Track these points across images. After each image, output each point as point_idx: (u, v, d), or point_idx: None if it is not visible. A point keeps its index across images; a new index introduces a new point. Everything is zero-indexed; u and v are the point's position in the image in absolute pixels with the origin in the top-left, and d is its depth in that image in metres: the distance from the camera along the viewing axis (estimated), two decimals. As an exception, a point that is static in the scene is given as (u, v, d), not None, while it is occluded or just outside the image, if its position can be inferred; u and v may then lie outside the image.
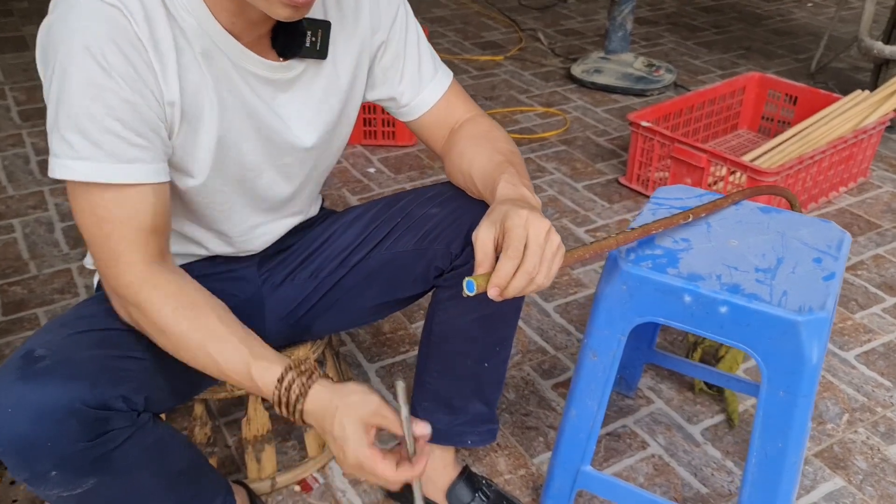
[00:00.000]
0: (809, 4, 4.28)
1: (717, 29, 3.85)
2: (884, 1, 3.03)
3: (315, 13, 1.01)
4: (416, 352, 1.57)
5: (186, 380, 1.05)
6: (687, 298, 1.04)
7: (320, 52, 1.02)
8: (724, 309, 1.02)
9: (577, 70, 3.13)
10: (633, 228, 1.08)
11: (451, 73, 1.17)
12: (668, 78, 3.06)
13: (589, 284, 1.93)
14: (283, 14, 0.87)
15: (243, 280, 1.18)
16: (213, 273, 1.13)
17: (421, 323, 1.76)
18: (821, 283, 1.05)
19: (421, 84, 1.14)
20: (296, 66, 1.02)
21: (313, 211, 1.26)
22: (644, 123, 2.25)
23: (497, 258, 0.89)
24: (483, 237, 0.90)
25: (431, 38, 3.53)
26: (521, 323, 1.78)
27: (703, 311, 1.04)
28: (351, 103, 1.12)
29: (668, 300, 1.05)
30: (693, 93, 2.50)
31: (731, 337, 1.04)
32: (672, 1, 4.30)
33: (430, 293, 1.21)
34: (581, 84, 3.09)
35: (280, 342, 1.23)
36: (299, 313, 1.21)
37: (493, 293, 0.88)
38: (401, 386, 0.86)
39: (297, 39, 0.99)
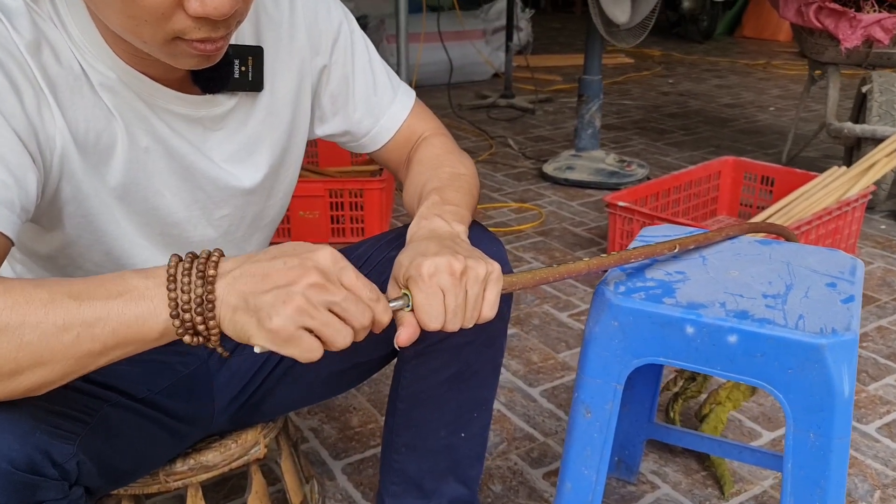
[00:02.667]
0: (772, 108, 4.38)
1: (684, 131, 3.90)
2: (845, 89, 3.08)
3: (244, 38, 0.90)
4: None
5: (132, 453, 0.87)
6: (689, 330, 0.90)
7: (254, 83, 0.90)
8: (733, 338, 0.88)
9: (549, 168, 3.09)
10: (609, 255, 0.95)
11: (412, 92, 1.06)
12: (641, 172, 3.03)
13: (576, 367, 1.77)
14: (192, 65, 0.76)
15: (187, 351, 1.01)
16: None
17: (393, 415, 1.58)
18: (840, 305, 0.91)
19: (380, 109, 1.03)
20: (224, 101, 0.89)
21: None
22: (622, 204, 2.16)
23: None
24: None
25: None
26: (504, 409, 1.61)
27: (709, 343, 0.89)
28: (295, 139, 1.00)
29: (668, 334, 0.91)
30: (668, 176, 2.45)
31: (743, 372, 0.89)
32: (637, 109, 4.39)
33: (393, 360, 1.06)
34: (554, 181, 3.05)
35: (227, 426, 1.06)
36: (250, 389, 1.04)
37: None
38: None
39: (222, 71, 0.86)
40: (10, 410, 0.69)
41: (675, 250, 1.01)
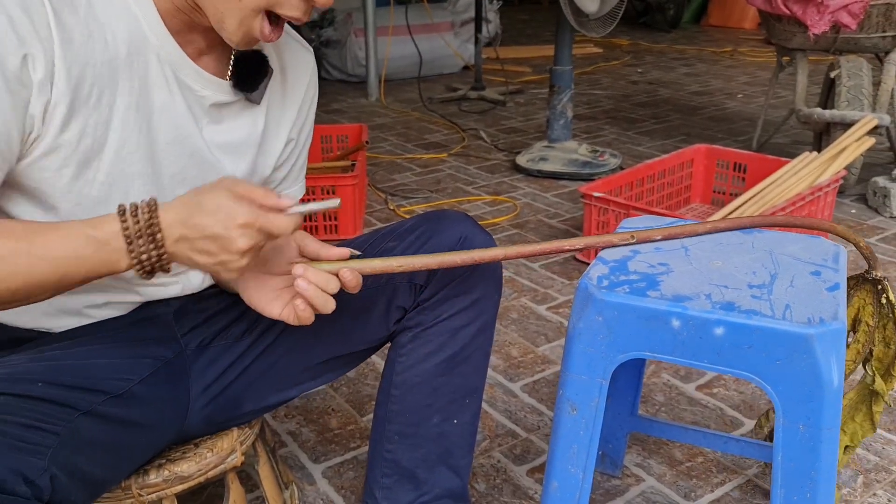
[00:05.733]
0: (740, 95, 4.40)
1: (655, 120, 3.90)
2: (812, 74, 3.10)
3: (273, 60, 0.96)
4: (367, 447, 1.35)
5: (106, 460, 0.84)
6: (675, 323, 0.88)
7: (256, 95, 0.93)
8: (719, 330, 0.86)
9: (522, 160, 3.07)
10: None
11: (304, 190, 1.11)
12: (614, 162, 3.02)
13: (557, 361, 1.75)
14: (240, 42, 0.83)
15: (159, 322, 0.99)
16: (122, 327, 0.95)
17: (371, 416, 1.54)
18: (826, 293, 0.90)
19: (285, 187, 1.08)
20: (230, 94, 0.91)
21: None
22: (596, 194, 2.15)
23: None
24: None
25: (373, 142, 3.48)
26: (486, 405, 1.58)
27: (696, 336, 0.87)
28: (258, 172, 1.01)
29: (653, 328, 0.89)
30: (642, 165, 2.44)
31: (731, 365, 0.87)
32: (608, 99, 4.39)
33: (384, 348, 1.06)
34: (527, 173, 3.03)
35: (203, 426, 1.02)
36: (229, 378, 1.01)
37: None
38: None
39: (260, 78, 0.92)
40: None
41: (632, 240, 0.98)
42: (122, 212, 0.75)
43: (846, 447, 1.16)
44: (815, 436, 0.85)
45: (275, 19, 0.83)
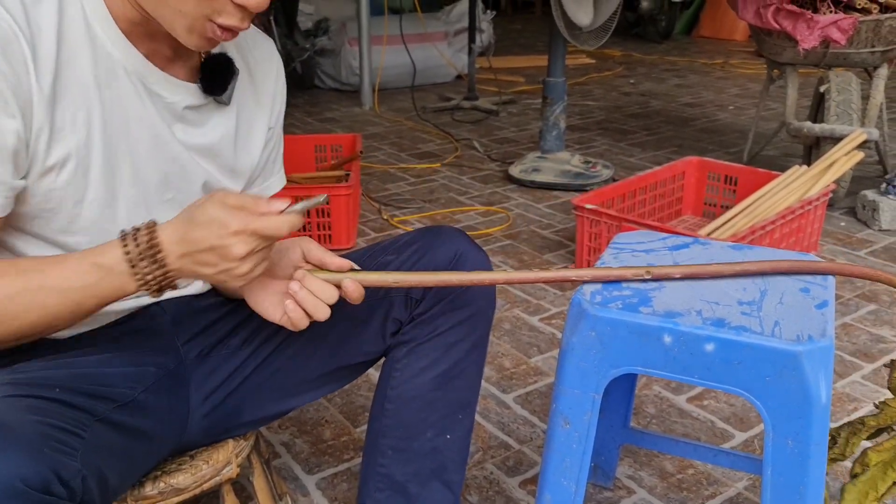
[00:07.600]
0: (731, 107, 4.44)
1: (647, 131, 3.93)
2: (802, 87, 3.13)
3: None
4: (361, 458, 1.36)
5: (120, 467, 0.86)
6: (667, 339, 0.89)
7: (226, 97, 0.96)
8: (710, 346, 0.88)
9: (515, 170, 3.09)
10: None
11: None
12: (606, 173, 3.05)
13: (549, 372, 1.77)
14: (200, 46, 0.83)
15: (158, 331, 1.00)
16: (122, 336, 0.96)
17: (365, 427, 1.55)
18: (814, 311, 0.92)
19: (271, 173, 1.11)
20: (199, 98, 0.93)
21: None
22: (589, 206, 2.17)
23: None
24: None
25: (367, 151, 3.49)
26: (478, 417, 1.60)
27: (687, 351, 0.89)
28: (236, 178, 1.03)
29: (646, 344, 0.90)
30: (634, 177, 2.46)
31: (721, 380, 0.88)
32: (600, 110, 4.42)
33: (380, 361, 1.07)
34: (520, 184, 3.05)
35: (201, 437, 1.03)
36: (229, 388, 1.02)
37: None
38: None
39: (227, 80, 0.95)
40: (15, 426, 0.69)
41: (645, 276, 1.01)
42: (123, 236, 0.79)
43: (881, 496, 1.18)
44: (803, 451, 0.86)
45: None
